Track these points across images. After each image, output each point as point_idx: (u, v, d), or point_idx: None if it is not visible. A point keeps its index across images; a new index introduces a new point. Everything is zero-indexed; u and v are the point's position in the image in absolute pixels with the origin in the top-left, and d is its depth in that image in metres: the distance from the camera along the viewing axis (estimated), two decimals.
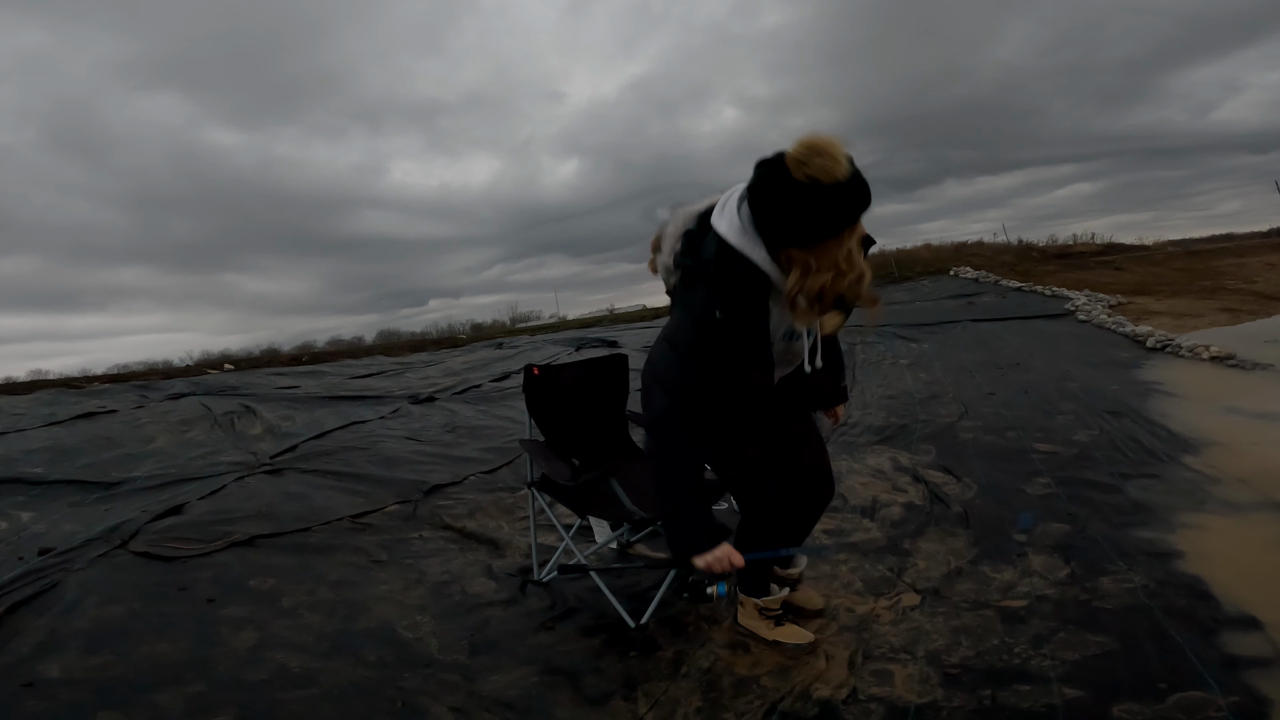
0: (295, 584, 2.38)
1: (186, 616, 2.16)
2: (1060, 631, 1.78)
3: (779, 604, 1.89)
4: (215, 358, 15.13)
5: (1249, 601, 1.80)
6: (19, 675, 1.84)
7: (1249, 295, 8.58)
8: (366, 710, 1.70)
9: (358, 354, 12.65)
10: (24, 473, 3.83)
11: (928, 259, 18.06)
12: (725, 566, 1.50)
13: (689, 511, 1.52)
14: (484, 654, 1.93)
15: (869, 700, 1.61)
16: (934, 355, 6.22)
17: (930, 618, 1.92)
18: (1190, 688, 1.51)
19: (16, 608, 2.19)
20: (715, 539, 1.51)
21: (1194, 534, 2.25)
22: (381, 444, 4.36)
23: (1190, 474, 2.79)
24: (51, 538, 2.85)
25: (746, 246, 1.33)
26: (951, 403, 4.37)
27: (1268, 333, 6.07)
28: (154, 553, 2.61)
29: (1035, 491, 2.76)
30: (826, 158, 1.19)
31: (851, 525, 2.62)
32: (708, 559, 1.49)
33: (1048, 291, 10.44)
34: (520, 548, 2.63)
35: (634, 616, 2.00)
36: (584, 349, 9.48)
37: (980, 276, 13.75)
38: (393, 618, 2.15)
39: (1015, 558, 2.21)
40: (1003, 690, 1.58)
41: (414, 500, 3.22)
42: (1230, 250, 14.37)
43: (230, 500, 3.29)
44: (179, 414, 5.60)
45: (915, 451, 3.46)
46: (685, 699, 1.67)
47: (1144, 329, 6.33)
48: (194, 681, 1.81)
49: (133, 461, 4.20)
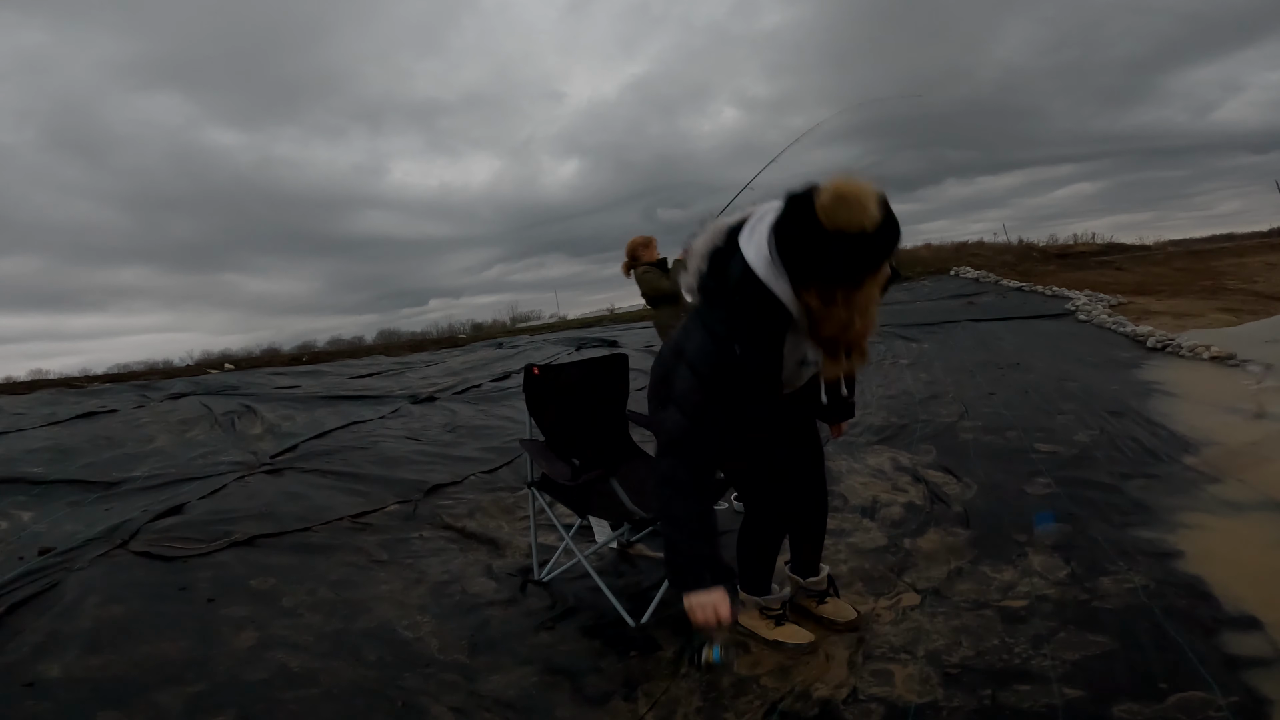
0: (295, 584, 2.38)
1: (186, 616, 2.16)
2: (1060, 631, 1.78)
3: (780, 604, 1.89)
4: (215, 357, 15.12)
5: (1249, 601, 1.80)
6: (19, 675, 1.84)
7: (1249, 295, 8.57)
8: (366, 710, 1.70)
9: (358, 354, 12.65)
10: (24, 473, 3.83)
11: (928, 259, 18.04)
12: (709, 616, 1.35)
13: (696, 541, 1.43)
14: (484, 654, 1.93)
15: (869, 700, 1.61)
16: (934, 355, 6.22)
17: (930, 618, 1.92)
18: (1190, 688, 1.51)
19: (16, 608, 2.20)
20: (717, 579, 1.39)
21: (1194, 534, 2.25)
22: (382, 444, 4.36)
23: (1190, 474, 2.79)
24: (51, 538, 2.85)
25: (771, 278, 1.31)
26: (951, 403, 4.37)
27: (1268, 332, 6.07)
28: (154, 552, 2.62)
29: (1035, 491, 2.76)
30: (856, 209, 1.15)
31: (851, 525, 2.62)
32: (701, 599, 1.36)
33: (1048, 291, 10.42)
34: (520, 548, 2.63)
35: (634, 616, 2.00)
36: (584, 349, 9.48)
37: (980, 276, 13.73)
38: (393, 618, 2.15)
39: (1015, 558, 2.21)
40: (1003, 690, 1.58)
41: (414, 500, 3.22)
42: (1230, 250, 14.35)
43: (230, 500, 3.29)
44: (179, 414, 5.61)
45: (915, 451, 3.46)
46: (685, 699, 1.67)
47: (1144, 329, 6.33)
48: (194, 681, 1.82)
49: (133, 461, 4.20)
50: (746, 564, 1.89)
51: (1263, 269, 10.88)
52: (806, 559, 1.95)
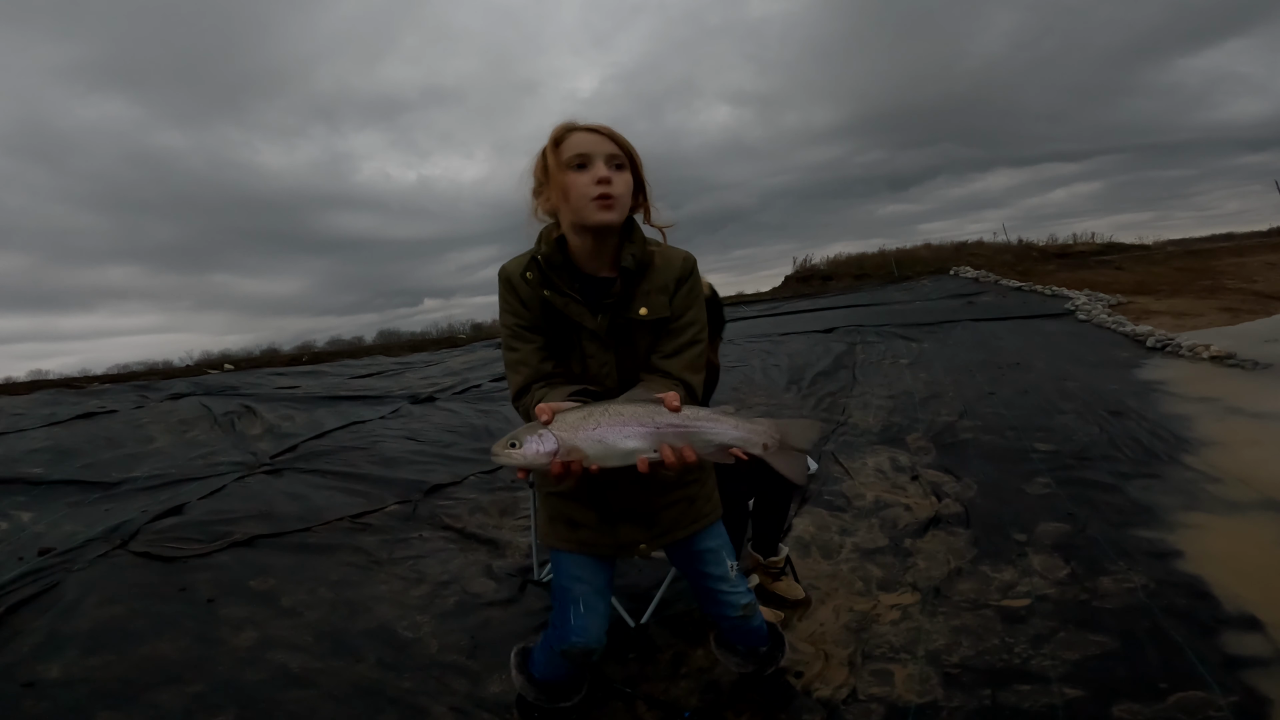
0: (295, 584, 2.38)
1: (186, 616, 2.16)
2: (1060, 631, 1.78)
3: (783, 562, 2.10)
4: (215, 358, 15.12)
5: (1249, 601, 1.80)
6: (19, 675, 1.84)
7: (1249, 295, 8.57)
8: (366, 710, 1.70)
9: (358, 354, 12.65)
10: (24, 473, 3.83)
11: (928, 258, 18.08)
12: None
13: None
14: (484, 654, 1.93)
15: (869, 700, 1.61)
16: (934, 355, 6.22)
17: (930, 618, 1.92)
18: (1190, 688, 1.51)
19: (16, 608, 2.19)
20: None
21: (1194, 534, 2.25)
22: (381, 444, 4.36)
23: (1190, 474, 2.79)
24: (51, 538, 2.85)
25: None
26: (951, 402, 4.37)
27: (1268, 332, 6.07)
28: (154, 553, 2.62)
29: (1035, 491, 2.76)
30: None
31: (852, 525, 2.62)
32: None
33: (1048, 291, 10.43)
34: (520, 548, 2.63)
35: (634, 616, 2.00)
36: None
37: (980, 276, 13.75)
38: (393, 618, 2.15)
39: (1015, 558, 2.21)
40: (1003, 690, 1.58)
41: (414, 500, 3.22)
42: (1230, 250, 14.36)
43: (230, 500, 3.29)
44: (179, 414, 5.60)
45: (915, 451, 3.46)
46: (685, 699, 1.67)
47: (1144, 328, 6.33)
48: (194, 681, 1.81)
49: (133, 461, 4.19)
50: (759, 527, 2.09)
51: (1262, 269, 10.87)
52: (768, 538, 2.10)
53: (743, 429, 1.17)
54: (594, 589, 1.40)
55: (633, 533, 1.38)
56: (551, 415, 1.11)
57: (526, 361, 1.31)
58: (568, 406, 1.14)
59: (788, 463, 1.20)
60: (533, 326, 1.32)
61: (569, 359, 1.33)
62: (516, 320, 1.32)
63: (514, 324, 1.33)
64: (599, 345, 1.31)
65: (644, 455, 1.11)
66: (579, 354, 1.32)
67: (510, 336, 1.34)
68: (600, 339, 1.30)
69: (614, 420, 1.11)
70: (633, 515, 1.37)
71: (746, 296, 18.62)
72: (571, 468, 1.10)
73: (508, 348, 1.34)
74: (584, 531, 1.38)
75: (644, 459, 1.11)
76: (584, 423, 1.11)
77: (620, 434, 1.10)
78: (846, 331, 8.10)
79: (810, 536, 2.55)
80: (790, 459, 1.20)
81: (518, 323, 1.32)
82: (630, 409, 1.12)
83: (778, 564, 2.11)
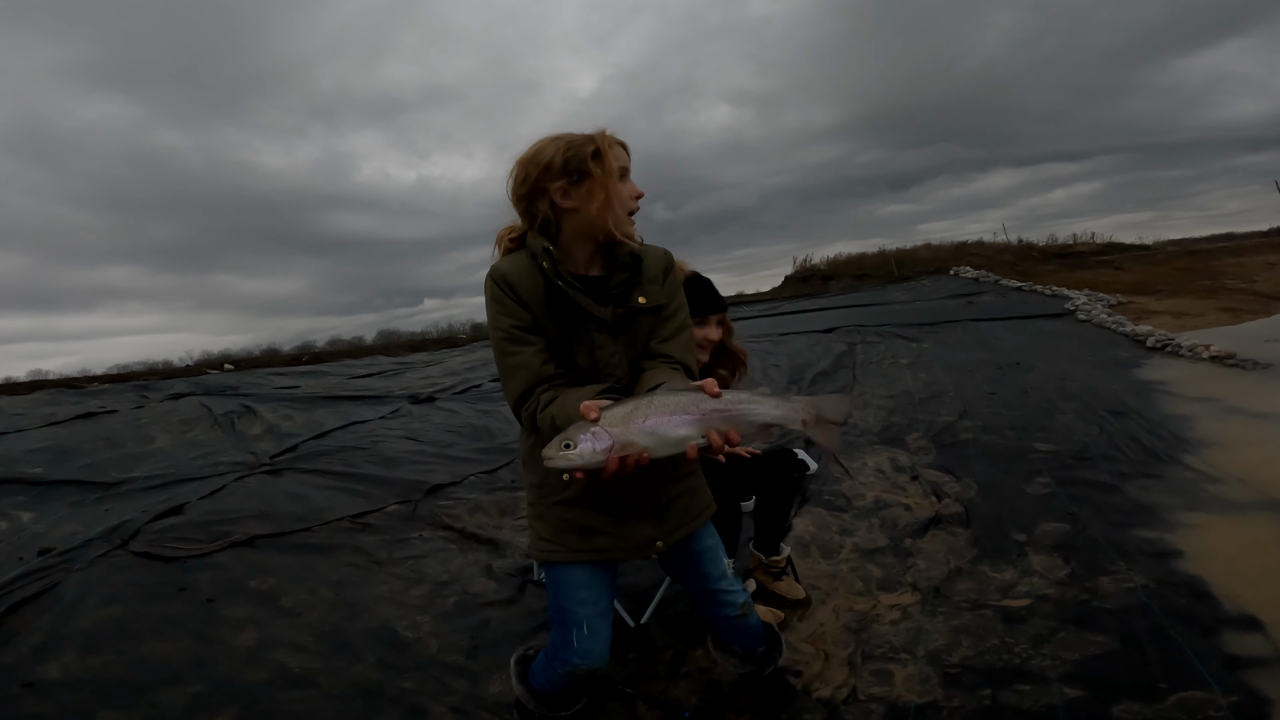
0: (295, 584, 2.38)
1: (186, 616, 2.16)
2: (1060, 631, 1.78)
3: (784, 561, 2.12)
4: (215, 358, 15.12)
5: (1249, 601, 1.80)
6: (19, 675, 1.84)
7: (1249, 295, 8.57)
8: (366, 710, 1.70)
9: (358, 354, 12.65)
10: (24, 473, 3.83)
11: (928, 258, 18.09)
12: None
13: None
14: (484, 654, 1.93)
15: (869, 700, 1.61)
16: (934, 355, 6.22)
17: (930, 618, 1.92)
18: (1190, 688, 1.51)
19: (16, 608, 2.19)
20: None
21: (1194, 534, 2.25)
22: (381, 444, 4.36)
23: (1190, 474, 2.78)
24: (51, 538, 2.85)
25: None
26: (951, 402, 4.37)
27: (1268, 332, 6.07)
28: (154, 553, 2.61)
29: (1035, 491, 2.76)
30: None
31: (852, 525, 2.62)
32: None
33: (1048, 291, 10.43)
34: (520, 548, 2.63)
35: (634, 617, 2.00)
36: None
37: (980, 276, 13.75)
38: (393, 618, 2.15)
39: (1015, 558, 2.21)
40: (1003, 690, 1.58)
41: (414, 500, 3.22)
42: (1230, 250, 14.36)
43: (230, 500, 3.29)
44: (179, 414, 5.60)
45: (915, 451, 3.46)
46: (685, 699, 1.67)
47: (1144, 328, 6.33)
48: (194, 681, 1.82)
49: (133, 461, 4.20)
50: (762, 525, 2.13)
51: (1262, 269, 10.88)
52: (770, 536, 2.13)
53: (783, 407, 1.23)
54: (598, 611, 1.39)
55: (647, 530, 1.38)
56: (599, 413, 1.12)
57: (526, 365, 1.29)
58: (607, 403, 1.16)
59: (825, 434, 1.29)
60: (531, 327, 1.31)
61: (575, 353, 1.33)
62: (513, 322, 1.30)
63: (510, 326, 1.30)
64: (608, 335, 1.33)
65: (694, 441, 1.15)
66: (587, 346, 1.33)
67: (506, 340, 1.31)
68: (609, 328, 1.32)
69: (661, 411, 1.14)
70: (644, 511, 1.38)
71: (746, 296, 18.62)
72: (626, 462, 1.12)
73: (503, 352, 1.31)
74: (599, 538, 1.37)
75: (693, 445, 1.15)
76: (633, 416, 1.13)
77: (670, 423, 1.14)
78: (846, 331, 8.10)
79: (810, 536, 2.55)
80: (827, 431, 1.29)
81: (515, 324, 1.30)
82: (674, 399, 1.16)
83: (779, 563, 2.11)
